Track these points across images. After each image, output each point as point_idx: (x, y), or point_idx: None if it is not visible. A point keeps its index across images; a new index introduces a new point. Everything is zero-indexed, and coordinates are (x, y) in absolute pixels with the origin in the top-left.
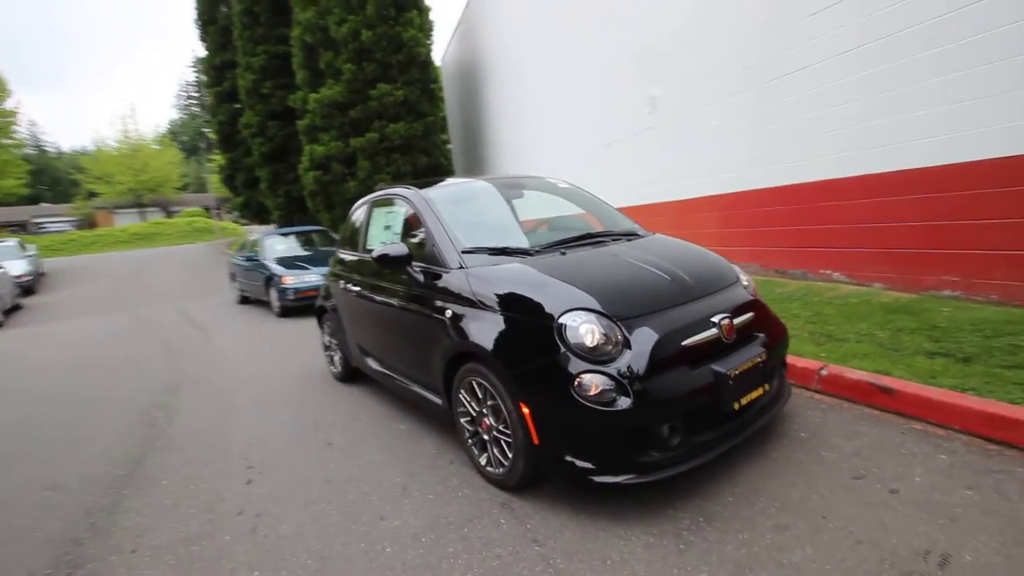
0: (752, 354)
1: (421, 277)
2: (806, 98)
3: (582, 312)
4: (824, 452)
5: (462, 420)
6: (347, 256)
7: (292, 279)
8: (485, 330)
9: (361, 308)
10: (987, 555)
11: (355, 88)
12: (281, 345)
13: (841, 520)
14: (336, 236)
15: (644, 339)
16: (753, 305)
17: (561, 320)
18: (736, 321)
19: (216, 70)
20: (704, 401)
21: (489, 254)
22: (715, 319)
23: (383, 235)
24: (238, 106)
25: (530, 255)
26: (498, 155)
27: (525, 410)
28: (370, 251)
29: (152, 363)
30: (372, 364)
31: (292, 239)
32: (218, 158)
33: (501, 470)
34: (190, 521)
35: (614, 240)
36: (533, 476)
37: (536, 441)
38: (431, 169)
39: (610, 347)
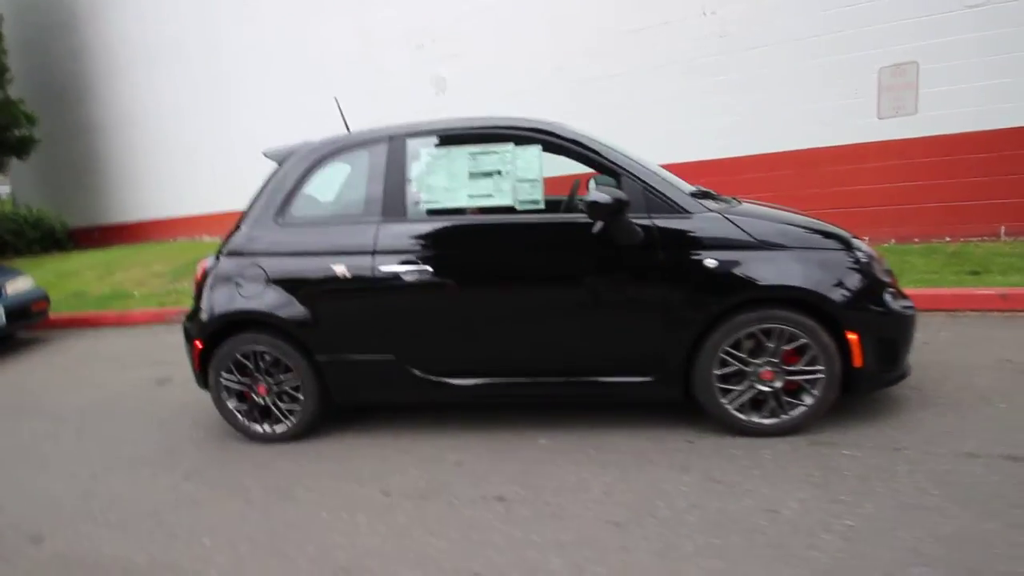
0: None
1: (642, 232)
2: (616, 101)
3: (858, 239)
4: None
5: (719, 384)
6: (384, 228)
7: None
8: (792, 270)
9: (449, 304)
10: None
11: None
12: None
13: None
14: None
15: None
16: None
17: (857, 246)
18: None
19: None
20: None
21: (701, 198)
22: None
23: (478, 186)
24: None
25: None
26: (137, 132)
27: (852, 337)
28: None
29: None
30: (458, 382)
31: None
32: None
33: (796, 412)
34: None
35: None
36: None
37: (859, 364)
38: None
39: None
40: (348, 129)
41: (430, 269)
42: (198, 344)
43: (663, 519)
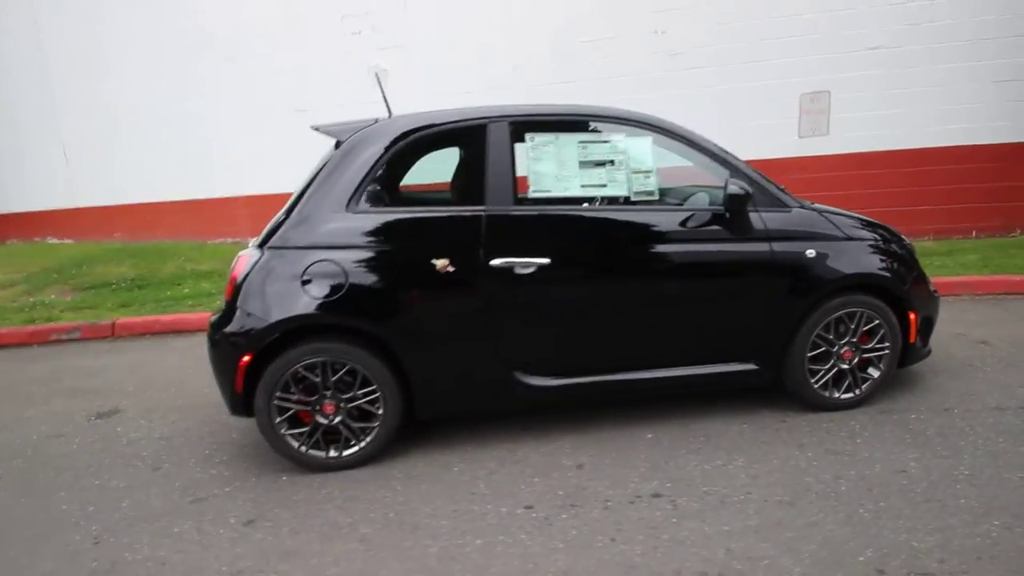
0: None
1: (755, 224)
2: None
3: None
4: None
5: (811, 365)
6: (492, 218)
7: None
8: (872, 260)
9: (567, 299)
10: None
11: None
12: None
13: None
14: None
15: None
16: None
17: (903, 238)
18: None
19: None
20: None
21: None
22: None
23: (590, 175)
24: None
25: None
26: None
27: (912, 316)
28: (579, 200)
29: None
30: (569, 382)
31: None
32: None
33: (866, 386)
34: None
35: None
36: None
37: (913, 339)
38: None
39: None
40: (389, 110)
41: (547, 261)
42: (246, 359)
43: (821, 492)
